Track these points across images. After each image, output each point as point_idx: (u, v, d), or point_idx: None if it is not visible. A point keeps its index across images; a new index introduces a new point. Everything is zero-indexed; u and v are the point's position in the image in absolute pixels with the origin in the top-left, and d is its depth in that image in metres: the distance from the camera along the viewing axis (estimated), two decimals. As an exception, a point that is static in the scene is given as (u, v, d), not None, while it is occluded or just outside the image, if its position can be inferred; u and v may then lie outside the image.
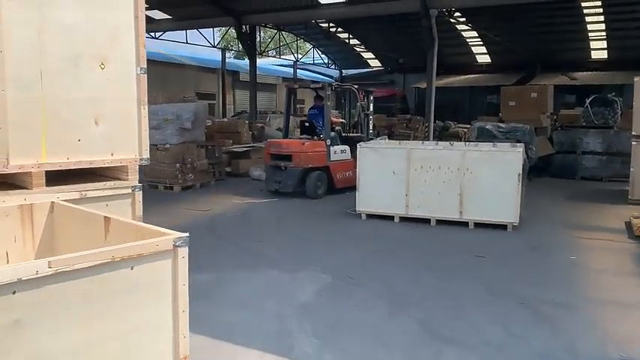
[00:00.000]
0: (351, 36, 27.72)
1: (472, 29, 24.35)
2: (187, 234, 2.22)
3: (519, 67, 26.14)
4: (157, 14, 19.23)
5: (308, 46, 34.04)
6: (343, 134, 11.19)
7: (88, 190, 3.14)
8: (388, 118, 22.27)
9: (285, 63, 34.00)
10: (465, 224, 7.89)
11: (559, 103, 19.04)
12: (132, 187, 3.32)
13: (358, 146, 8.51)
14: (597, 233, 7.64)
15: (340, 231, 7.73)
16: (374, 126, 11.32)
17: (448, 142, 9.35)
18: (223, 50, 26.39)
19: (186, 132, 11.15)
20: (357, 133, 11.58)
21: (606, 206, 9.67)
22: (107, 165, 3.25)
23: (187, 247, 2.24)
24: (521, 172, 7.71)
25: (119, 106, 3.25)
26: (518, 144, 8.48)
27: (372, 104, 11.02)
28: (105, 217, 2.60)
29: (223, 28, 25.89)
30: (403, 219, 8.24)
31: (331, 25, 24.51)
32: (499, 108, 15.70)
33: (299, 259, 6.11)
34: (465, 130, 18.74)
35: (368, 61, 34.39)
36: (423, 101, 31.09)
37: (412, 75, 30.83)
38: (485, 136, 12.87)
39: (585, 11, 20.62)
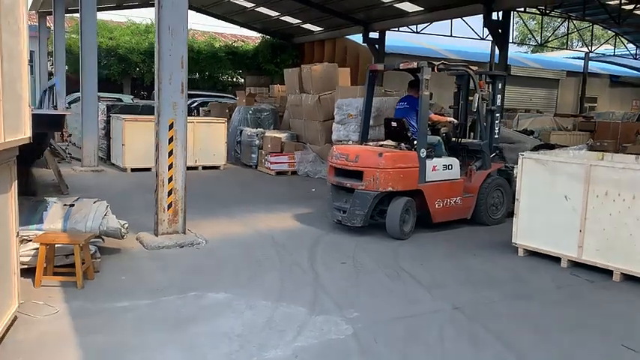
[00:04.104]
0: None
1: None
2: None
3: None
4: (410, 6, 18.56)
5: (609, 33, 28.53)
6: (452, 139, 7.81)
7: None
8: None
9: (574, 55, 29.40)
10: (669, 289, 5.05)
11: None
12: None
13: (520, 155, 6.26)
14: None
15: (469, 267, 5.83)
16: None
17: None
18: (493, 43, 24.06)
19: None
20: (475, 139, 8.06)
21: None
22: None
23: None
24: None
25: None
26: None
27: (499, 95, 7.70)
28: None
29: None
30: (574, 264, 5.79)
31: (624, 0, 19.67)
32: None
33: (346, 298, 4.72)
34: None
35: (694, 50, 26.99)
36: None
37: None
38: None
39: None
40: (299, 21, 22.66)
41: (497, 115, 7.78)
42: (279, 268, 5.50)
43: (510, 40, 26.08)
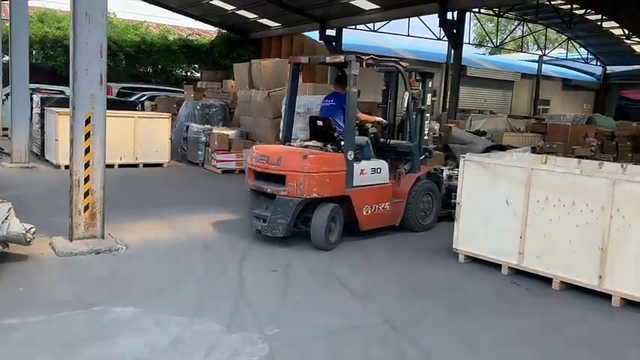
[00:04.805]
0: (605, 18, 22.26)
1: None
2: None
3: None
4: (366, 4, 18.30)
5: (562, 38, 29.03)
6: (381, 140, 7.30)
7: None
8: (637, 127, 17.26)
9: (529, 58, 29.85)
10: (607, 298, 4.87)
11: None
12: None
13: (461, 158, 6.01)
14: None
15: (407, 275, 5.53)
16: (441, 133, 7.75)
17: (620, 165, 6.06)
18: (449, 43, 24.12)
19: (316, 127, 9.90)
20: (404, 139, 7.51)
21: None
22: None
23: None
24: None
25: None
26: None
27: (430, 95, 7.32)
28: None
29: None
30: (515, 271, 5.57)
31: (575, 5, 19.97)
32: None
33: (270, 311, 4.35)
34: None
35: (642, 55, 27.71)
36: None
37: None
38: None
39: None
40: (255, 15, 22.15)
41: (427, 115, 7.36)
42: (203, 278, 5.08)
43: (468, 42, 26.34)
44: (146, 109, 15.32)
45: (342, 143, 6.36)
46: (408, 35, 23.21)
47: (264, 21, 22.75)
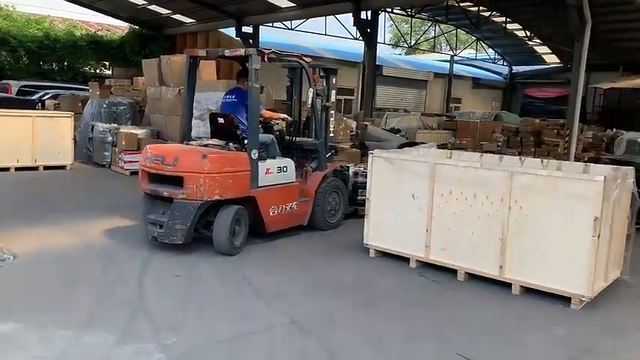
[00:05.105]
0: (509, 20, 23.54)
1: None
2: None
3: None
4: (282, 2, 18.18)
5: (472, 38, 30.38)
6: (286, 138, 7.11)
7: None
8: (539, 123, 18.32)
9: (442, 58, 31.02)
10: (507, 286, 5.04)
11: None
12: None
13: (369, 154, 6.03)
14: None
15: (317, 273, 5.46)
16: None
17: (518, 158, 6.33)
18: (366, 43, 24.53)
19: (228, 125, 9.65)
20: (310, 137, 7.29)
21: None
22: None
23: None
24: (603, 215, 4.62)
25: None
26: (615, 166, 5.25)
27: (334, 91, 7.23)
28: None
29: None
30: (422, 264, 5.65)
31: (482, 8, 20.95)
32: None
33: (170, 319, 4.12)
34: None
35: (542, 56, 29.63)
36: (606, 105, 25.71)
37: (598, 74, 25.32)
38: (636, 152, 9.19)
39: None
40: (168, 11, 21.44)
41: (332, 112, 7.20)
42: (99, 287, 4.73)
43: (384, 42, 26.97)
44: (48, 107, 14.36)
45: (246, 141, 6.06)
46: (326, 34, 23.38)
47: (178, 17, 22.10)
